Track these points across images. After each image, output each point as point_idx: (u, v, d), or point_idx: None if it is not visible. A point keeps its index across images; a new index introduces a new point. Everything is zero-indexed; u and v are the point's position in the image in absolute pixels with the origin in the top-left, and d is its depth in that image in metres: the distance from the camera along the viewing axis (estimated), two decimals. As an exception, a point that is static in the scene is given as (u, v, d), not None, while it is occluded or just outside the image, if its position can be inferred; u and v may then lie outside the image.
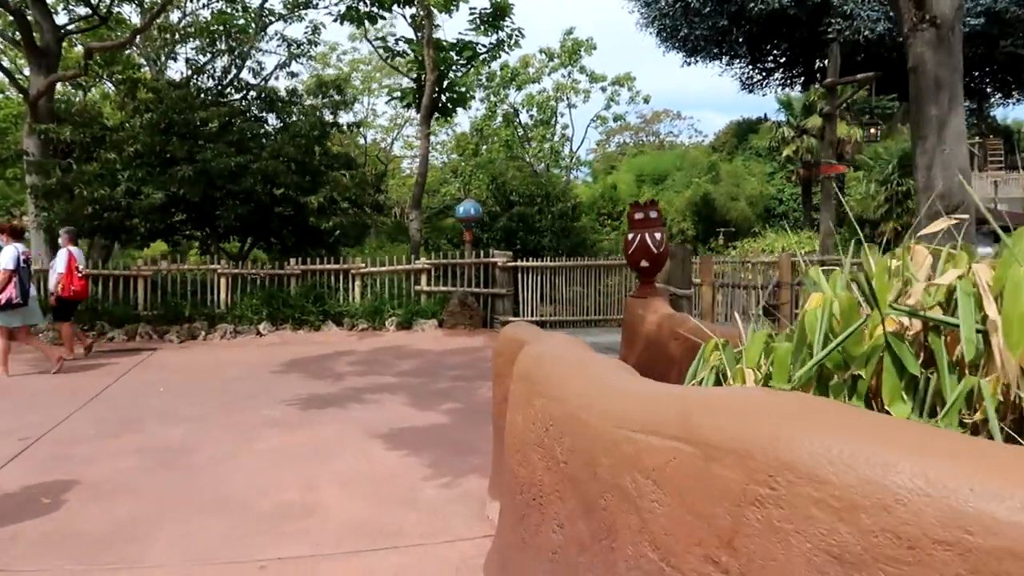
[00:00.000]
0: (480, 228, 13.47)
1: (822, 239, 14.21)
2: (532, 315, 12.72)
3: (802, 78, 35.90)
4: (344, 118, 14.78)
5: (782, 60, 36.86)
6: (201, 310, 12.30)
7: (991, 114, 37.64)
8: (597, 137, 41.79)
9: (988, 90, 37.11)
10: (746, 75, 38.19)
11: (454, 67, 14.99)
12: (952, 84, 6.90)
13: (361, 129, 21.40)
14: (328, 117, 13.73)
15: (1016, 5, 30.07)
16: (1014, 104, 39.63)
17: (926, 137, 6.76)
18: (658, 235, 6.49)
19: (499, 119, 26.00)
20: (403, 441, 5.88)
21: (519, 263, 12.61)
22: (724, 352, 2.37)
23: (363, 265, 12.87)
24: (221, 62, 15.83)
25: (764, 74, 38.14)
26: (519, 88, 25.54)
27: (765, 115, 38.16)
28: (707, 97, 78.72)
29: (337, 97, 13.02)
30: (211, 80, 15.84)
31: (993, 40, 31.56)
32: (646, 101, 28.68)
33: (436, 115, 14.53)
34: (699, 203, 28.24)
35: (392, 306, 12.54)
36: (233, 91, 15.47)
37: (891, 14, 30.66)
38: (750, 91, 38.90)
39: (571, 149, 27.96)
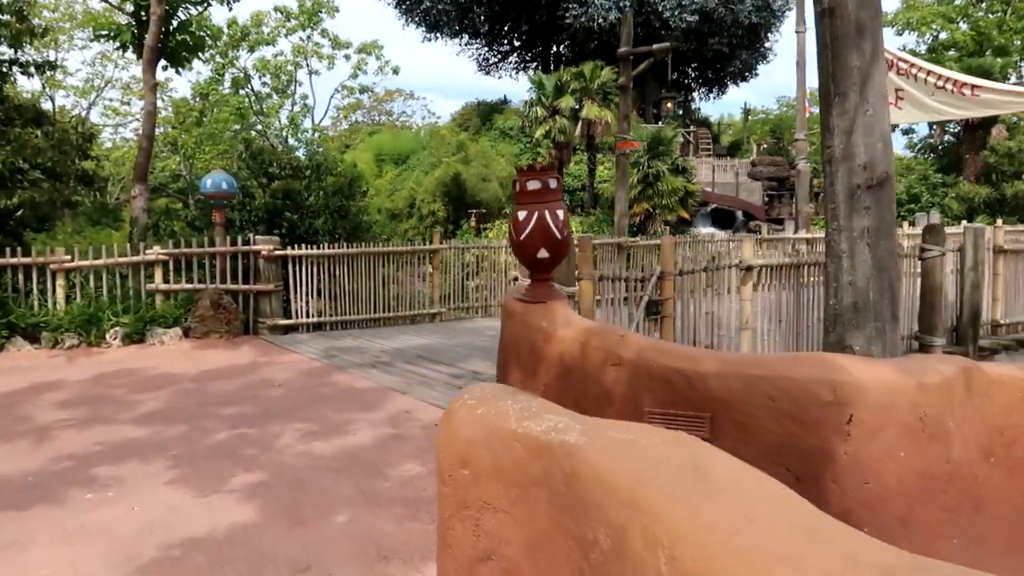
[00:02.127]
0: (232, 208, 10.47)
1: (618, 219, 13.20)
2: (307, 315, 10.07)
3: (537, 62, 35.83)
4: (29, 55, 10.69)
5: (517, 44, 36.55)
6: None
7: (696, 107, 40.57)
8: (344, 106, 38.62)
9: (692, 84, 39.89)
10: (483, 56, 37.42)
11: (184, 5, 11.70)
12: (874, 31, 5.55)
13: (53, 75, 16.65)
14: (3, 50, 9.68)
15: (723, 6, 32.19)
16: (715, 98, 43.22)
17: (846, 94, 5.35)
18: (560, 213, 4.47)
19: (227, 84, 22.26)
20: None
21: (289, 251, 9.88)
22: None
23: (68, 258, 9.32)
24: None
25: (500, 56, 37.61)
26: (251, 50, 21.97)
27: (505, 96, 37.66)
28: (436, 81, 77.91)
29: (19, 25, 9.18)
30: None
31: (703, 37, 33.56)
32: (395, 72, 26.42)
33: (165, 63, 11.19)
34: (449, 184, 26.64)
35: (115, 312, 9.17)
36: None
37: (621, 4, 31.36)
38: (486, 72, 38.27)
39: (313, 121, 24.87)
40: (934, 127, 22.65)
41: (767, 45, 36.75)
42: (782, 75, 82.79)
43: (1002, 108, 12.97)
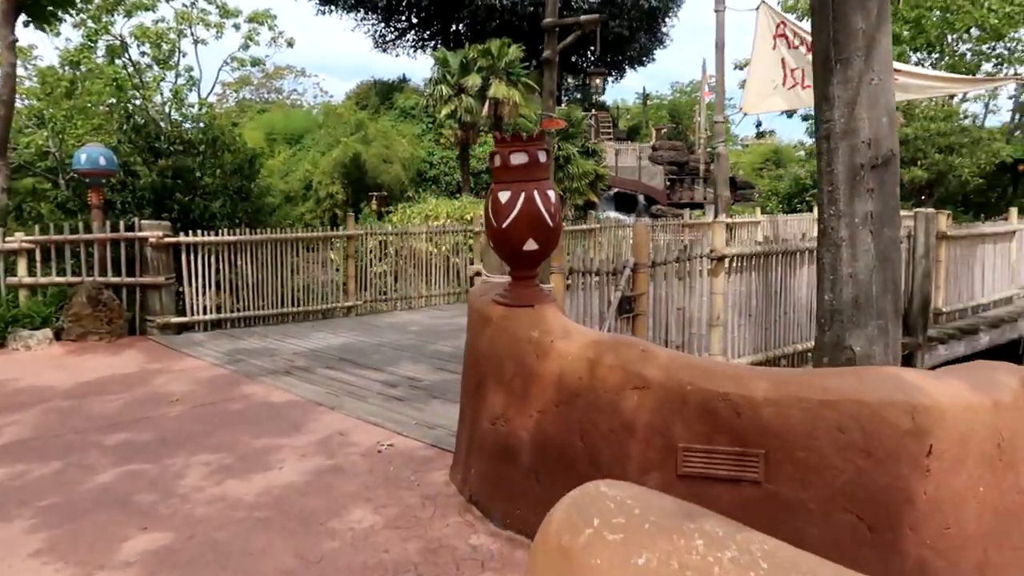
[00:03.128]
0: (112, 188, 8.96)
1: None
2: (205, 311, 8.73)
3: (436, 40, 34.50)
4: None
5: (416, 21, 35.11)
6: None
7: (594, 91, 40.27)
8: (233, 80, 35.85)
9: (591, 68, 39.57)
10: (379, 32, 35.79)
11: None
12: (881, -13, 4.95)
13: None
14: None
15: (621, -7, 31.86)
16: (614, 82, 43.08)
17: (848, 60, 4.69)
18: (552, 195, 3.57)
19: (101, 53, 19.97)
20: None
21: (182, 238, 8.49)
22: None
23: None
24: None
25: (398, 33, 36.09)
26: (128, 15, 19.76)
27: (404, 75, 36.18)
28: (328, 60, 74.82)
29: None
30: None
31: (604, 21, 33.21)
32: (290, 45, 24.48)
33: (27, 19, 9.44)
34: (348, 165, 25.15)
35: (-35, 311, 7.61)
36: None
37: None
38: (383, 50, 36.67)
39: (200, 95, 22.76)
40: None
41: (664, 30, 36.85)
42: (676, 61, 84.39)
43: (919, 93, 12.92)
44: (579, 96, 39.11)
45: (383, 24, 34.97)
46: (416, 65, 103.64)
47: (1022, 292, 10.39)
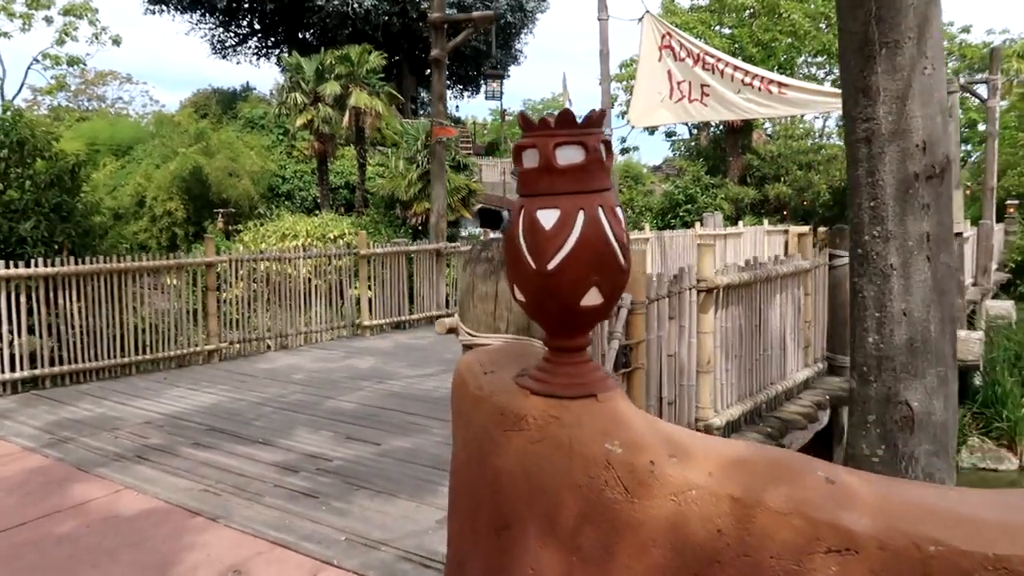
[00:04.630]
0: None
1: (435, 221, 10.82)
2: (12, 367, 6.52)
3: (282, 48, 32.04)
4: None
5: (259, 27, 32.52)
6: None
7: (446, 106, 39.14)
8: (46, 83, 31.30)
9: (448, 82, 38.43)
10: (218, 37, 32.86)
11: None
12: (930, -43, 3.96)
13: None
14: None
15: (482, 1, 30.94)
16: (470, 96, 42.14)
17: (898, 44, 3.63)
18: (620, 213, 2.18)
19: None
20: None
21: (-22, 272, 6.29)
22: None
23: None
24: None
25: (239, 39, 33.33)
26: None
27: (248, 83, 33.40)
28: (158, 67, 68.96)
29: None
30: None
31: (498, 18, 32.12)
32: (116, 43, 21.40)
33: None
34: (189, 178, 22.45)
35: None
36: None
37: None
38: (223, 56, 33.79)
39: (4, 98, 19.33)
40: (695, 129, 23.19)
41: (519, 47, 36.41)
42: (527, 80, 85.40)
43: (808, 108, 12.63)
44: (431, 110, 37.73)
45: (222, 28, 32.09)
46: (260, 74, 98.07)
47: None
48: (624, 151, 25.52)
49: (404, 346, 8.74)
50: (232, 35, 32.75)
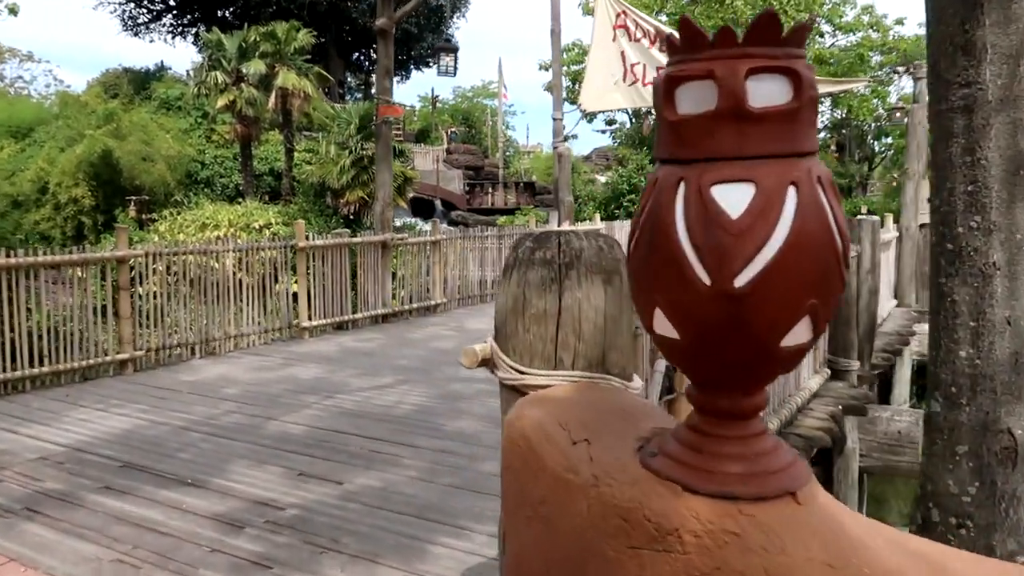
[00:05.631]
0: None
1: (380, 210, 9.65)
2: None
3: (198, 27, 30.00)
4: None
5: (173, 3, 30.42)
6: None
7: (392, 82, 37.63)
8: None
9: (375, 67, 36.92)
10: (129, 13, 30.59)
11: None
12: None
13: None
14: None
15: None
16: (400, 81, 40.62)
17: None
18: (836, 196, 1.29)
19: None
20: None
21: None
22: None
23: None
24: None
25: (152, 15, 31.12)
26: None
27: (163, 62, 31.21)
28: (64, 45, 64.52)
29: None
30: None
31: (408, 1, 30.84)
32: (13, 12, 19.21)
33: None
34: (97, 163, 20.60)
35: None
36: None
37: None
38: (135, 33, 31.53)
39: None
40: (638, 117, 22.61)
41: (450, 31, 35.24)
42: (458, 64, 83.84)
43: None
44: (360, 96, 36.33)
45: (134, 4, 29.83)
46: (175, 54, 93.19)
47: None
48: (564, 139, 24.79)
49: (350, 351, 7.72)
50: (145, 11, 30.54)
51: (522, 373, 2.03)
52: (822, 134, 31.40)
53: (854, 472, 6.00)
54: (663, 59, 12.15)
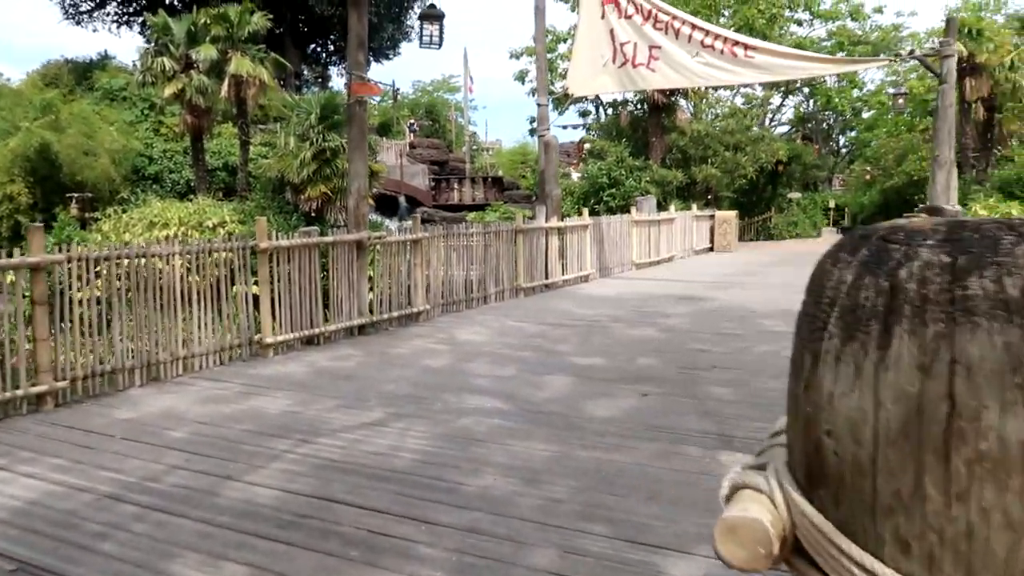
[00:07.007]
0: None
1: (354, 205, 8.24)
2: None
3: (144, 15, 28.04)
4: None
5: (117, -10, 28.42)
6: None
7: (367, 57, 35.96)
8: None
9: (333, 58, 35.25)
10: (70, 1, 28.52)
11: None
12: None
13: None
14: None
15: (372, -30, 28.07)
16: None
17: None
18: None
19: None
20: None
21: None
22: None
23: None
24: None
25: (95, 3, 29.06)
26: None
27: (106, 52, 29.20)
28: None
29: None
30: None
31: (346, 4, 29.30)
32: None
33: None
34: (34, 158, 18.80)
35: None
36: None
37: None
38: (77, 22, 29.45)
39: None
40: (610, 109, 21.52)
41: (410, 22, 33.71)
42: (417, 57, 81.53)
43: (781, 73, 11.05)
44: (317, 90, 34.60)
45: (74, -10, 27.79)
46: (121, 44, 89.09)
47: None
48: (531, 132, 23.56)
49: (324, 372, 6.39)
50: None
51: None
52: (786, 128, 30.79)
53: None
54: (657, 37, 10.93)
